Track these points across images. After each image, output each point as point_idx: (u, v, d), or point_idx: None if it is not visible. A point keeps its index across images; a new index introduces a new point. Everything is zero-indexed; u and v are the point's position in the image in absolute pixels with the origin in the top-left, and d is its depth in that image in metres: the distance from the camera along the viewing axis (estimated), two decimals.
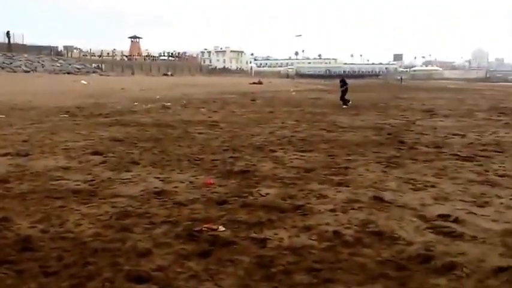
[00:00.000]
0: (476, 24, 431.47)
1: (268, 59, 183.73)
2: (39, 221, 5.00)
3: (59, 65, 64.95)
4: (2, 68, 53.31)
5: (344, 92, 23.49)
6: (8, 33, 65.71)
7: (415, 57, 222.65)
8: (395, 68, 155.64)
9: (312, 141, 10.91)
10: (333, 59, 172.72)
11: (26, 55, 62.55)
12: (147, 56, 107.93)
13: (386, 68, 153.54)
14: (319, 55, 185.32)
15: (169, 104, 22.19)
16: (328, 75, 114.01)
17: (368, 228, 4.91)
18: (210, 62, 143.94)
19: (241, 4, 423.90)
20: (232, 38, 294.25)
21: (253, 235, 4.68)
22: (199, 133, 12.16)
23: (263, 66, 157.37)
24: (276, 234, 4.72)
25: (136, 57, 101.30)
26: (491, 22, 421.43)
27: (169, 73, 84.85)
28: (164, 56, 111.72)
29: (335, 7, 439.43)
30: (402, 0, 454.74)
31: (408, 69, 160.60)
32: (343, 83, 23.78)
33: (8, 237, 4.50)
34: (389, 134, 12.38)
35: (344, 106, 22.37)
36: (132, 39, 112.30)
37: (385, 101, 28.26)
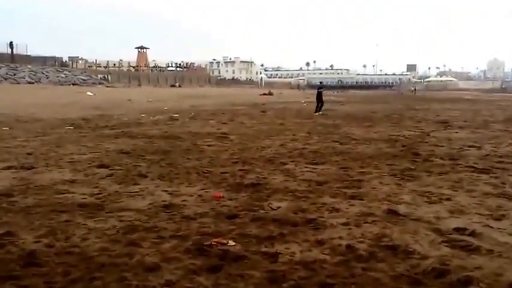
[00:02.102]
0: (492, 35, 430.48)
1: (278, 70, 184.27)
2: (44, 235, 4.89)
3: (63, 76, 65.27)
4: (5, 79, 53.60)
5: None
6: (11, 44, 66.24)
7: (429, 68, 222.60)
8: (409, 79, 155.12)
9: (324, 154, 10.76)
10: (345, 69, 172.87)
11: (29, 66, 62.87)
12: (154, 66, 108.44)
13: (399, 79, 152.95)
14: (331, 66, 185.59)
15: (177, 115, 22.17)
16: (340, 86, 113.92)
17: (382, 242, 4.78)
18: (219, 72, 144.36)
19: (251, 14, 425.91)
20: (242, 49, 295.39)
21: (264, 249, 4.57)
22: (208, 145, 12.06)
23: (273, 77, 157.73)
24: (287, 248, 4.60)
25: (144, 68, 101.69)
26: (507, 32, 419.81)
27: (177, 84, 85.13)
28: (172, 66, 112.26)
29: (348, 17, 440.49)
30: (416, 11, 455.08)
31: (422, 80, 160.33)
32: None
33: (13, 252, 4.41)
34: (403, 146, 12.19)
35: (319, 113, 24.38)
36: (139, 50, 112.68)
37: (399, 112, 28.05)
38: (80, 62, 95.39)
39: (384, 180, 7.89)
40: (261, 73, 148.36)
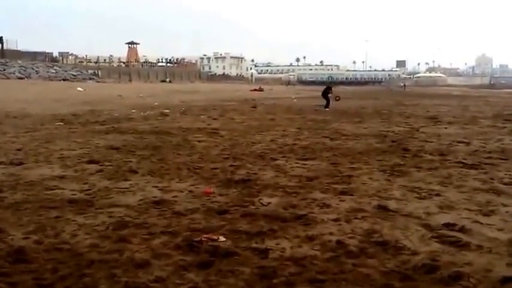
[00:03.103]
0: (480, 31, 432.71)
1: (269, 66, 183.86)
2: (34, 231, 4.86)
3: (54, 71, 64.87)
4: None
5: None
6: (1, 39, 65.67)
7: (419, 64, 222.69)
8: (399, 75, 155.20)
9: (314, 149, 10.76)
10: (335, 65, 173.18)
11: (19, 61, 62.46)
12: (145, 62, 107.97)
13: (389, 75, 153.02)
14: (321, 62, 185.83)
15: (167, 111, 22.11)
16: (330, 82, 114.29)
17: (372, 238, 4.79)
18: (210, 68, 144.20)
19: (242, 8, 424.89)
20: (232, 44, 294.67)
21: (255, 245, 4.56)
22: (199, 141, 12.03)
23: (264, 73, 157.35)
24: (278, 244, 4.60)
25: (134, 63, 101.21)
26: (495, 28, 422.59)
27: (167, 80, 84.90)
28: (162, 62, 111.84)
29: (337, 13, 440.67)
30: (406, 6, 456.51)
31: (411, 76, 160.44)
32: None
33: (1, 249, 4.37)
34: (393, 142, 12.23)
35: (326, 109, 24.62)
36: (130, 45, 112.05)
37: (389, 108, 28.12)
38: (70, 57, 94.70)
39: (373, 175, 7.91)
40: (251, 69, 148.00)
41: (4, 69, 56.73)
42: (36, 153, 9.76)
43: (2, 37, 65.95)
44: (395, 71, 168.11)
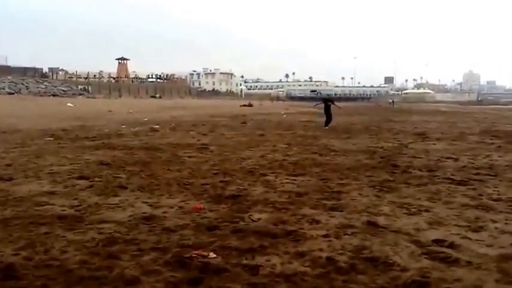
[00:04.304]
0: (467, 47, 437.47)
1: (258, 82, 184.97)
2: (23, 248, 4.82)
3: (44, 87, 64.87)
4: None
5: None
6: None
7: (406, 80, 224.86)
8: (387, 91, 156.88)
9: (304, 165, 10.79)
10: (324, 81, 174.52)
11: (9, 77, 62.34)
12: (134, 78, 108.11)
13: (377, 91, 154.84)
14: (310, 78, 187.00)
15: (157, 126, 22.09)
16: (319, 98, 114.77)
17: (362, 254, 4.80)
18: (199, 84, 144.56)
19: (230, 24, 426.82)
20: (222, 60, 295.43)
21: (245, 262, 4.55)
22: (189, 156, 12.03)
23: (253, 89, 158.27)
24: (268, 260, 4.59)
25: (124, 79, 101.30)
26: (482, 45, 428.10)
27: (157, 95, 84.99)
28: (152, 78, 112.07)
29: (326, 30, 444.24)
30: (393, 23, 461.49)
31: (400, 92, 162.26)
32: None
33: None
34: (382, 158, 12.29)
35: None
36: (120, 61, 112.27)
37: (377, 124, 28.29)
38: (60, 73, 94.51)
39: (363, 191, 7.94)
40: (241, 85, 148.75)
41: None
42: (26, 168, 9.70)
43: None
44: (384, 87, 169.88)
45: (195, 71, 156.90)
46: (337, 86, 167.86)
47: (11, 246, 4.85)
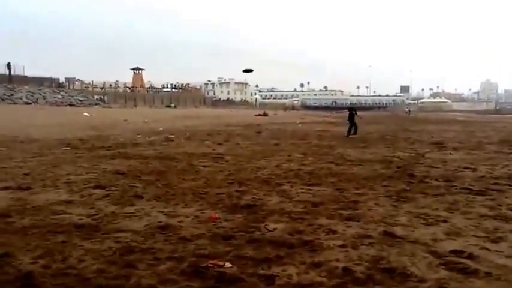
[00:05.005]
0: (484, 56, 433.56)
1: (273, 91, 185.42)
2: (41, 256, 4.87)
3: (60, 96, 65.60)
4: (3, 100, 53.85)
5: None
6: (8, 65, 66.59)
7: (423, 89, 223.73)
8: (403, 100, 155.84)
9: (320, 175, 10.74)
10: (339, 90, 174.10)
11: (27, 87, 63.20)
12: (150, 87, 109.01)
13: (393, 100, 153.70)
14: (325, 87, 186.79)
15: (172, 136, 22.18)
16: (334, 107, 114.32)
17: (379, 264, 4.77)
18: (214, 93, 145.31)
19: (247, 34, 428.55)
20: (236, 70, 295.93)
21: (261, 272, 4.54)
22: (204, 166, 12.05)
23: (268, 98, 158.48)
24: (284, 270, 4.59)
25: (139, 89, 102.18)
26: (499, 53, 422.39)
27: (172, 105, 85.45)
28: (167, 87, 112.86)
29: (341, 39, 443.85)
30: (410, 31, 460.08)
31: (416, 101, 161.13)
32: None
33: (9, 273, 4.38)
34: (398, 167, 12.16)
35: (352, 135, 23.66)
36: (135, 71, 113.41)
37: (393, 133, 28.04)
38: (77, 83, 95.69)
39: (379, 201, 7.88)
40: (255, 94, 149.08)
41: (12, 95, 57.36)
42: (44, 177, 9.80)
43: (9, 63, 66.86)
44: (400, 96, 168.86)
45: (209, 81, 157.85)
46: (352, 95, 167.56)
47: (29, 255, 4.91)
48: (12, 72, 67.22)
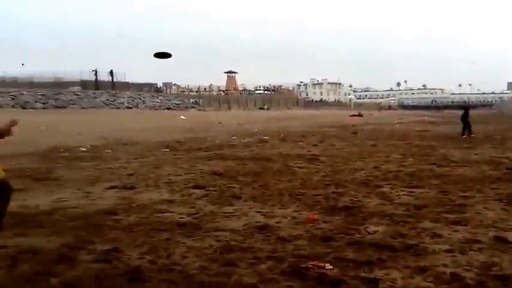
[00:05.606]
0: None
1: (368, 91, 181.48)
2: (147, 252, 5.06)
3: (158, 101, 68.17)
4: (106, 105, 56.96)
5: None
6: (111, 72, 70.33)
7: None
8: (511, 97, 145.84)
9: (421, 176, 10.31)
10: (439, 89, 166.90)
11: (128, 92, 66.27)
12: (243, 90, 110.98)
13: (500, 98, 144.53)
14: (424, 85, 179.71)
15: (267, 137, 22.37)
16: (434, 106, 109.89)
17: (491, 271, 4.48)
18: (307, 94, 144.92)
19: (336, 32, 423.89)
20: (330, 70, 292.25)
21: (363, 274, 4.42)
22: (299, 167, 12.01)
23: (362, 98, 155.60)
24: (387, 274, 4.44)
25: (233, 91, 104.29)
26: None
27: (265, 107, 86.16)
28: (260, 89, 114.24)
29: (439, 34, 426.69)
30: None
31: None
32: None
33: (119, 268, 4.59)
34: (508, 169, 11.35)
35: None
36: (228, 74, 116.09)
37: (501, 132, 26.18)
38: (173, 87, 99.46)
39: (488, 205, 7.40)
40: (349, 94, 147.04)
41: (114, 100, 60.57)
42: (146, 178, 10.23)
43: (112, 70, 70.70)
44: (507, 93, 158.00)
45: (302, 82, 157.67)
46: (453, 93, 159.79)
47: (136, 251, 5.12)
48: (114, 79, 71.06)
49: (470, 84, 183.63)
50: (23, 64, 73.95)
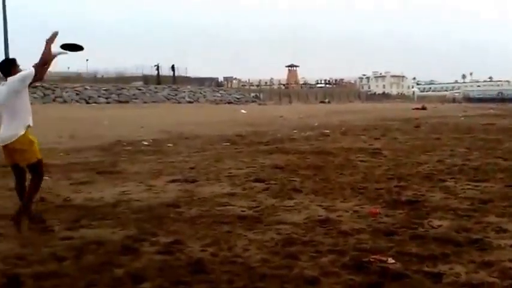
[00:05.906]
0: None
1: (432, 83, 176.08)
2: (209, 244, 5.18)
3: (219, 95, 68.71)
4: (168, 100, 57.95)
5: None
6: (173, 67, 71.49)
7: None
8: None
9: (487, 170, 9.98)
10: (506, 81, 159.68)
11: (189, 87, 67.20)
12: (304, 83, 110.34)
13: None
14: (490, 77, 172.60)
15: (328, 131, 22.16)
16: (500, 99, 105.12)
17: None
18: (369, 87, 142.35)
19: (400, 24, 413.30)
20: (393, 62, 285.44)
21: (426, 269, 4.38)
22: (361, 161, 11.87)
23: (426, 91, 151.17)
24: (451, 269, 4.38)
25: (294, 85, 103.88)
26: None
27: (326, 100, 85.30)
28: (321, 83, 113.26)
29: (506, 23, 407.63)
30: None
31: None
32: None
33: (181, 259, 4.73)
34: None
35: None
36: (289, 68, 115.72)
37: None
38: (234, 81, 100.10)
39: None
40: (413, 87, 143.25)
41: (176, 94, 61.62)
42: (207, 171, 10.40)
43: (173, 65, 71.90)
44: None
45: (364, 75, 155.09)
46: None
47: (198, 243, 5.25)
48: (175, 74, 72.31)
49: None
50: (87, 60, 76.29)
